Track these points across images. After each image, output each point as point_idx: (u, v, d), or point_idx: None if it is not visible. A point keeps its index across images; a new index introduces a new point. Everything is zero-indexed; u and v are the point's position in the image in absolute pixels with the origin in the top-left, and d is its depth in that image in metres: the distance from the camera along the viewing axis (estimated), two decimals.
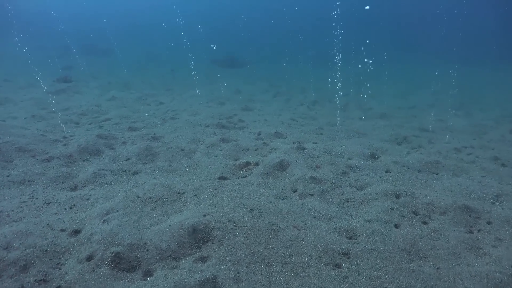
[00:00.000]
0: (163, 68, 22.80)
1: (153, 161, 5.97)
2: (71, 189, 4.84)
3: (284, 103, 12.05)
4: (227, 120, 8.78)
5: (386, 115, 10.60)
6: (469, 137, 8.43)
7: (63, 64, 21.99)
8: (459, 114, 11.67)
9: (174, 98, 11.87)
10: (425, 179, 5.30)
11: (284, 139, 7.23)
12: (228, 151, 6.39)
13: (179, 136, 7.19)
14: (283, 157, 5.77)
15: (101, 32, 40.88)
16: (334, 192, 4.81)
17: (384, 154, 6.48)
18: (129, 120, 8.64)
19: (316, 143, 6.97)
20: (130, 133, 7.29)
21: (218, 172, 5.47)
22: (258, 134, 7.59)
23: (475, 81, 19.98)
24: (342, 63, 24.47)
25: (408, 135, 8.01)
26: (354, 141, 7.26)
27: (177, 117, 8.88)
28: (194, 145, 6.74)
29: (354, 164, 5.73)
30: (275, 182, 5.10)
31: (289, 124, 8.77)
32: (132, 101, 11.07)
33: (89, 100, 10.84)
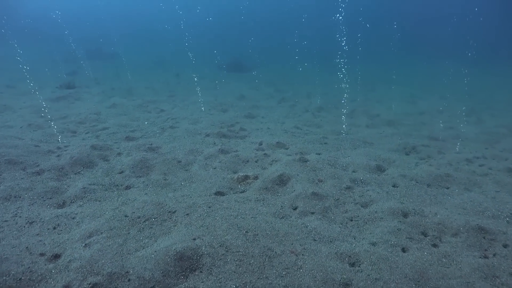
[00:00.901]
0: (169, 73, 22.62)
1: (148, 174, 5.68)
2: (58, 206, 4.57)
3: (288, 110, 11.74)
4: (228, 129, 8.48)
5: (394, 122, 10.24)
6: (481, 146, 8.05)
7: (69, 69, 21.89)
8: (470, 120, 11.28)
9: (176, 105, 11.61)
10: (435, 195, 4.96)
11: (286, 150, 6.92)
12: (227, 163, 6.10)
13: (177, 146, 6.91)
14: (283, 170, 5.46)
15: (108, 36, 40.96)
16: (337, 210, 4.49)
17: (391, 166, 6.14)
18: (128, 129, 8.38)
19: (319, 154, 6.65)
20: (127, 143, 7.03)
21: (215, 186, 5.18)
22: (260, 144, 7.28)
23: (485, 85, 19.52)
24: (349, 66, 24.14)
25: (416, 144, 7.66)
26: (360, 151, 6.93)
27: (177, 126, 8.60)
28: (191, 156, 6.46)
29: (359, 178, 5.40)
30: (274, 198, 4.79)
31: (293, 133, 8.46)
32: (132, 108, 10.82)
33: (89, 107, 10.62)
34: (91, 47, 32.27)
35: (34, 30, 38.60)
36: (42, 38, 36.14)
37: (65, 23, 43.82)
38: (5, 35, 36.40)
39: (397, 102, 14.35)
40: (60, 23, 42.48)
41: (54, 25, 39.94)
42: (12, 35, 37.25)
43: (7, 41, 33.65)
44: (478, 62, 25.11)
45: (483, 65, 25.26)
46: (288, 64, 28.02)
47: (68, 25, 43.39)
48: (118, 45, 37.50)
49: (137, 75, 20.78)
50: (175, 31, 45.40)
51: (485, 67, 24.85)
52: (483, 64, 25.35)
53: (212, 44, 41.55)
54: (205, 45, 40.63)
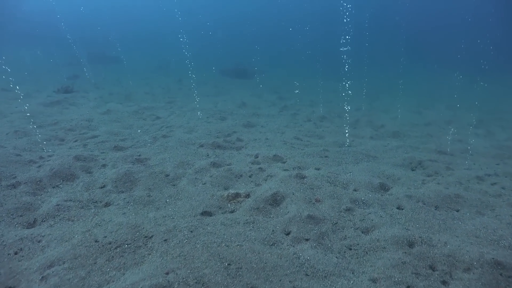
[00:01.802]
0: (171, 78, 22.28)
1: (131, 189, 5.24)
2: (27, 225, 4.14)
3: (290, 119, 11.29)
4: (224, 139, 8.04)
5: (399, 134, 9.76)
6: (492, 161, 7.56)
7: (70, 73, 21.59)
8: (479, 132, 10.78)
9: (173, 112, 11.19)
10: (444, 219, 4.47)
11: (283, 164, 6.46)
12: (218, 178, 5.65)
13: (166, 158, 6.47)
14: (278, 188, 5.00)
15: (112, 40, 40.78)
16: (335, 236, 4.02)
17: (396, 184, 5.67)
18: (118, 137, 7.96)
19: (318, 169, 6.18)
20: (114, 154, 6.60)
21: (202, 205, 4.73)
22: (255, 156, 6.83)
23: (493, 94, 18.99)
24: (355, 74, 23.70)
25: (423, 159, 7.18)
26: (363, 166, 6.45)
27: (170, 135, 8.17)
28: (181, 169, 6.02)
29: (360, 198, 4.93)
30: (265, 220, 4.33)
31: (292, 144, 8.00)
32: (127, 115, 10.41)
33: (82, 113, 10.22)
34: (94, 51, 32.04)
35: (38, 32, 38.49)
36: (46, 41, 36.02)
37: (69, 26, 43.73)
38: (8, 37, 36.30)
39: (403, 112, 13.88)
40: (65, 26, 42.36)
41: (58, 28, 39.81)
42: (16, 37, 37.16)
43: (9, 43, 33.54)
44: (485, 71, 24.58)
45: (490, 74, 24.72)
46: (293, 71, 27.62)
47: (72, 28, 43.29)
48: (122, 49, 37.29)
49: (139, 80, 20.47)
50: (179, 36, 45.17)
51: (492, 76, 24.31)
52: (490, 73, 24.81)
53: (217, 50, 41.28)
54: (210, 50, 40.37)
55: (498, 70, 25.93)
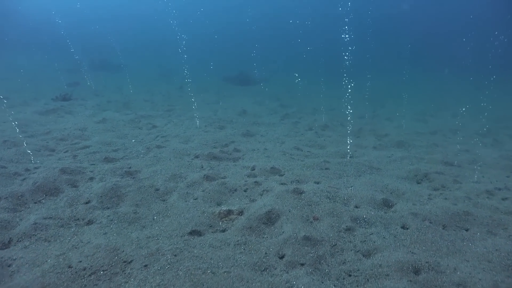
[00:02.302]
0: (172, 85, 22.03)
1: (117, 205, 4.92)
2: (1, 246, 3.83)
3: (291, 127, 10.96)
4: (221, 149, 7.72)
5: (404, 144, 9.40)
6: (502, 173, 7.18)
7: (71, 80, 21.39)
8: (486, 142, 10.40)
9: (170, 121, 10.89)
10: (453, 240, 4.11)
11: (281, 177, 6.11)
12: (211, 193, 5.31)
13: (158, 170, 6.15)
14: (273, 205, 4.66)
15: (116, 47, 40.71)
16: (333, 260, 3.67)
17: (400, 200, 5.31)
18: (111, 148, 7.66)
19: (318, 183, 5.84)
20: (103, 166, 6.29)
21: (192, 223, 4.39)
22: (252, 169, 6.49)
23: (499, 102, 18.58)
24: (359, 81, 23.38)
25: (429, 171, 6.81)
26: (365, 179, 6.10)
27: (165, 145, 7.86)
28: (173, 183, 5.69)
29: (362, 216, 4.57)
30: (258, 241, 3.99)
31: (291, 155, 7.66)
32: (123, 124, 10.12)
33: (76, 122, 9.93)
34: (97, 58, 31.91)
35: (41, 39, 38.46)
36: (48, 47, 35.98)
37: (72, 33, 43.73)
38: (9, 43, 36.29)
39: (408, 120, 13.53)
40: (68, 33, 42.38)
41: (61, 34, 39.76)
42: (17, 43, 37.15)
43: (10, 50, 33.50)
44: (492, 77, 24.18)
45: (497, 80, 24.31)
46: (296, 77, 27.32)
47: (75, 35, 43.29)
48: (126, 56, 37.19)
49: (140, 87, 20.22)
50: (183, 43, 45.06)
51: (499, 83, 23.90)
52: (497, 79, 24.40)
53: (220, 56, 41.11)
54: (213, 57, 40.21)
55: (506, 76, 25.49)
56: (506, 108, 16.97)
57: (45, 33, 40.43)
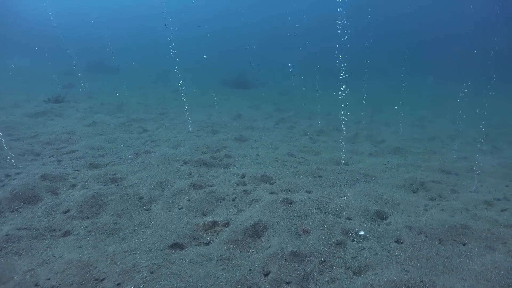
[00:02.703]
0: (169, 88, 21.80)
1: (98, 214, 4.67)
2: None
3: (286, 132, 10.73)
4: (211, 155, 7.49)
5: (401, 150, 9.18)
6: (500, 182, 6.96)
7: (66, 81, 21.15)
8: (485, 149, 10.19)
9: (162, 125, 10.65)
10: (449, 256, 3.88)
11: (271, 185, 5.88)
12: (197, 202, 5.08)
13: (144, 177, 5.91)
14: (261, 216, 4.42)
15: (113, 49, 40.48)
16: (321, 278, 3.43)
17: (395, 211, 5.07)
18: (98, 152, 7.41)
19: (310, 192, 5.60)
20: (87, 172, 6.04)
21: (174, 235, 4.15)
22: (242, 176, 6.26)
23: (498, 107, 18.40)
24: (357, 85, 23.21)
25: (426, 179, 6.59)
26: (359, 189, 5.87)
27: (154, 150, 7.61)
28: (158, 191, 5.45)
29: (353, 229, 4.34)
30: (243, 256, 3.75)
31: (284, 162, 7.42)
32: (113, 127, 9.87)
33: (66, 125, 9.69)
34: (94, 60, 31.68)
35: (37, 40, 38.24)
36: (44, 48, 35.73)
37: (70, 35, 43.50)
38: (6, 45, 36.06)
39: (406, 125, 13.31)
40: (65, 34, 42.11)
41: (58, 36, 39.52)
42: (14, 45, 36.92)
43: (7, 51, 33.24)
44: (490, 83, 24.01)
45: (497, 85, 24.14)
46: (294, 81, 27.12)
47: (73, 36, 43.07)
48: (123, 58, 36.98)
49: (136, 90, 20.00)
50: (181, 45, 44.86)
51: (498, 88, 23.73)
52: (497, 84, 24.21)
53: (219, 59, 40.91)
54: (211, 60, 40.01)
55: (505, 81, 25.33)
56: (505, 114, 16.78)
57: (42, 34, 40.22)
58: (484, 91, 19.55)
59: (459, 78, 25.38)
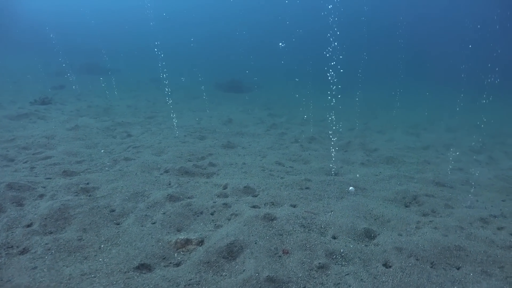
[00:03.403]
0: (162, 90, 21.45)
1: (62, 229, 4.30)
2: None
3: (276, 139, 10.38)
4: (195, 163, 7.13)
5: (394, 160, 8.85)
6: (497, 196, 6.64)
7: (56, 83, 20.78)
8: (481, 159, 9.88)
9: (148, 129, 10.28)
10: (441, 283, 3.54)
11: (254, 198, 5.52)
12: (172, 216, 4.71)
13: (119, 187, 5.54)
14: (237, 235, 4.06)
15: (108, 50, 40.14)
16: None
17: (385, 229, 4.73)
18: (75, 159, 7.04)
19: (295, 206, 5.25)
20: (59, 181, 5.67)
21: (142, 254, 3.79)
22: (224, 187, 5.90)
23: (495, 115, 18.14)
24: (353, 90, 22.95)
25: (419, 193, 6.25)
26: (348, 202, 5.52)
27: (135, 157, 7.25)
28: (132, 202, 5.08)
29: (339, 250, 3.99)
30: (214, 280, 3.39)
31: (271, 171, 7.07)
32: (96, 131, 9.50)
33: (47, 128, 9.31)
34: (88, 61, 31.32)
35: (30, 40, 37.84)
36: (38, 49, 35.35)
37: (64, 35, 43.11)
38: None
39: (400, 133, 13.03)
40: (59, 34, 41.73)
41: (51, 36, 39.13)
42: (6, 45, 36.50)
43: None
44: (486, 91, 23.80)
45: (493, 93, 23.92)
46: (289, 85, 26.83)
47: (67, 37, 42.68)
48: (118, 59, 36.64)
49: (128, 92, 19.68)
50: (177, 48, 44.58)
51: (495, 95, 23.51)
52: (494, 91, 23.99)
53: (214, 62, 40.63)
54: (207, 63, 39.72)
55: (502, 89, 25.11)
56: (502, 122, 16.52)
57: (36, 34, 39.82)
58: (480, 99, 19.30)
59: (456, 85, 25.16)
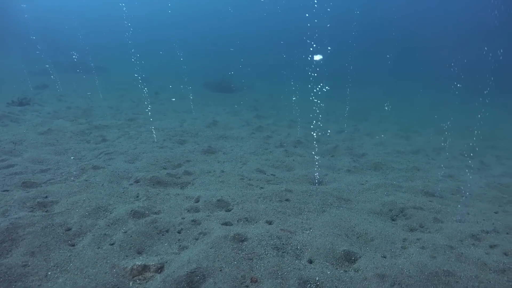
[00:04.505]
0: (149, 90, 20.95)
1: (8, 252, 3.84)
2: None
3: (260, 143, 9.94)
4: (169, 172, 6.66)
5: (382, 166, 8.46)
6: (489, 208, 6.26)
7: (40, 82, 20.21)
8: (473, 165, 9.52)
9: (126, 133, 9.80)
10: None
11: (227, 212, 5.08)
12: (134, 235, 4.26)
13: (81, 201, 5.07)
14: (201, 261, 3.62)
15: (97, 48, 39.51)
16: None
17: (368, 250, 4.31)
18: (40, 167, 6.54)
19: (270, 223, 4.81)
20: (15, 194, 5.19)
21: (92, 283, 3.35)
22: (196, 200, 5.45)
23: (486, 118, 17.86)
24: (343, 91, 22.60)
25: (406, 205, 5.85)
26: (329, 217, 5.10)
27: (104, 165, 6.77)
28: (92, 219, 4.61)
29: (314, 278, 3.56)
30: None
31: (250, 180, 6.62)
32: (69, 136, 9.00)
33: (17, 132, 8.80)
34: (75, 59, 30.71)
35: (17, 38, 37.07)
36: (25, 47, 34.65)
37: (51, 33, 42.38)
38: None
39: (390, 136, 12.65)
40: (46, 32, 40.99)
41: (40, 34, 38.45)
42: None
43: None
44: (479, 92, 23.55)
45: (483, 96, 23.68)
46: (279, 86, 26.40)
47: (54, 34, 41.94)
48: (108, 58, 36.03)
49: (113, 92, 19.17)
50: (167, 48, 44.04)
51: (486, 98, 23.27)
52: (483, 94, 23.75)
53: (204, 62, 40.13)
54: (197, 62, 39.24)
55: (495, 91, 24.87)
56: (494, 125, 16.21)
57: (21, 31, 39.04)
58: (472, 100, 19.02)
59: (448, 85, 24.90)
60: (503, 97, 25.10)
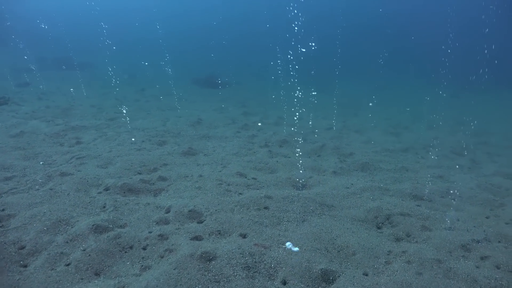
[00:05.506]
0: (135, 87, 20.45)
1: None
2: None
3: (245, 143, 9.56)
4: (142, 178, 6.27)
5: (369, 166, 8.12)
6: (480, 212, 5.95)
7: (22, 80, 19.63)
8: (463, 164, 9.21)
9: (104, 134, 9.37)
10: None
11: (199, 224, 4.71)
12: (93, 253, 3.88)
13: (41, 213, 4.67)
14: (160, 285, 3.25)
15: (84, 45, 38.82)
16: None
17: (348, 267, 3.96)
18: (4, 174, 6.13)
19: (245, 236, 4.45)
20: None
21: None
22: (167, 211, 5.08)
23: (478, 112, 17.61)
24: (332, 86, 22.25)
25: (393, 211, 5.51)
26: (309, 228, 4.75)
27: (74, 171, 6.36)
28: (50, 235, 4.23)
29: None
30: None
31: (229, 185, 6.25)
32: (42, 138, 8.57)
33: None
34: (61, 55, 30.06)
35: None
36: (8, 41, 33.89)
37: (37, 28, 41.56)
38: None
39: (379, 133, 12.33)
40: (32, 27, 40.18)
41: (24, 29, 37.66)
42: None
43: None
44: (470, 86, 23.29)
45: (475, 89, 23.43)
46: (267, 82, 25.97)
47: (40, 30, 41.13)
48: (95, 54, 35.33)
49: (97, 89, 18.64)
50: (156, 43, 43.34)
51: (477, 92, 23.03)
52: (475, 88, 23.49)
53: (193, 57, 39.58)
54: (185, 57, 38.71)
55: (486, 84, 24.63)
56: (486, 119, 15.92)
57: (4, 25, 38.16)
58: (463, 94, 18.75)
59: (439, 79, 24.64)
60: (494, 90, 24.85)
